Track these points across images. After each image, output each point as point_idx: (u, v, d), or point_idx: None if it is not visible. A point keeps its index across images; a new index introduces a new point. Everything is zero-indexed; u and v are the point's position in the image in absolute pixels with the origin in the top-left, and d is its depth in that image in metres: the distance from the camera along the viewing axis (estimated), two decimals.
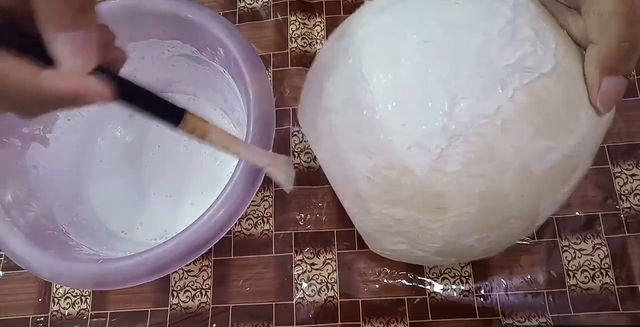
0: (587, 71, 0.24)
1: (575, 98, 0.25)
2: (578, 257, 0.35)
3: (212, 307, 0.37)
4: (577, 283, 0.34)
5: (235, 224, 0.37)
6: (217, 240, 0.29)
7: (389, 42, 0.27)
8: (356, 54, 0.27)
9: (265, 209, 0.39)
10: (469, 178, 0.24)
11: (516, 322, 0.34)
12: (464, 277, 0.35)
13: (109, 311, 0.37)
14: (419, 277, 0.35)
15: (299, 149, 0.40)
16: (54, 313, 0.38)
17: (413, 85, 0.25)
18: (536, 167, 0.24)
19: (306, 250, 0.37)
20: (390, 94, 0.25)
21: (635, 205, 0.35)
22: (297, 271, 0.37)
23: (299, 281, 0.36)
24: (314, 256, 0.37)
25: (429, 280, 0.35)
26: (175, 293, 0.37)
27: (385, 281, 0.36)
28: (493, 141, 0.24)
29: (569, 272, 0.35)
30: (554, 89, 0.24)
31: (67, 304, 0.38)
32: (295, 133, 0.40)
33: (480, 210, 0.25)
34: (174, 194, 0.40)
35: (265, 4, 0.45)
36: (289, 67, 0.42)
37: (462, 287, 0.35)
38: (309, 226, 0.38)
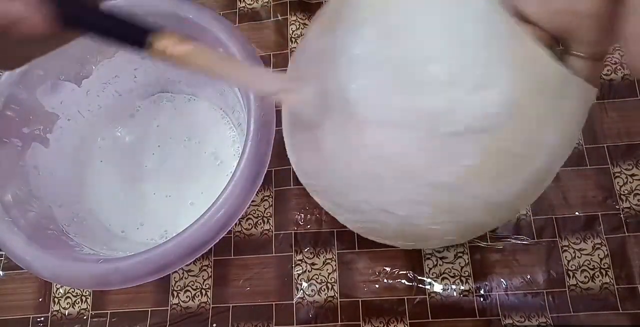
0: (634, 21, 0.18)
1: (537, 129, 0.24)
2: (578, 257, 0.35)
3: (212, 307, 0.37)
4: (577, 283, 0.34)
5: (236, 224, 0.37)
6: (217, 240, 0.29)
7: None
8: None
9: (265, 209, 0.39)
10: (439, 224, 0.26)
11: (516, 322, 0.34)
12: (464, 277, 0.35)
13: (109, 311, 0.37)
14: (419, 277, 0.36)
15: None
16: (54, 313, 0.38)
17: (370, 168, 0.26)
18: (501, 197, 0.25)
19: (306, 250, 0.37)
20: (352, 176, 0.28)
21: (635, 205, 0.36)
22: (297, 271, 0.37)
23: (299, 281, 0.36)
24: (314, 256, 0.37)
25: (429, 280, 0.35)
26: (175, 293, 0.37)
27: (385, 280, 0.36)
28: (450, 201, 0.25)
29: (569, 272, 0.35)
30: (508, 136, 0.23)
31: (67, 304, 0.38)
32: None
33: (460, 233, 0.28)
34: (174, 194, 0.40)
35: (265, 4, 0.45)
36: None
37: (462, 287, 0.35)
38: (309, 226, 0.38)
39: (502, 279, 0.35)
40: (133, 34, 0.21)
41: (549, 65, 0.22)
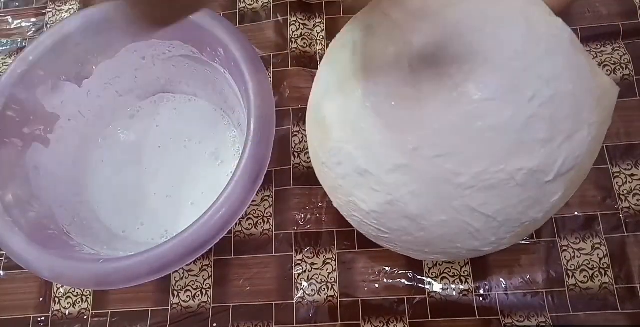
0: None
1: (600, 140, 0.26)
2: (577, 257, 0.35)
3: (213, 306, 0.37)
4: (576, 283, 0.34)
5: (236, 223, 0.37)
6: (218, 240, 0.29)
7: None
8: None
9: (266, 209, 0.39)
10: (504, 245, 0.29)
11: (515, 322, 0.34)
12: (463, 276, 0.35)
13: (109, 311, 0.37)
14: (419, 277, 0.36)
15: (299, 149, 0.40)
16: (55, 313, 0.38)
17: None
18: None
19: (306, 250, 0.37)
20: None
21: (634, 205, 0.36)
22: (297, 270, 0.37)
23: (299, 281, 0.36)
24: (314, 256, 0.37)
25: (429, 279, 0.35)
26: (175, 293, 0.37)
27: (385, 280, 0.36)
28: (527, 230, 0.28)
29: (568, 271, 0.35)
30: (587, 160, 0.25)
31: (67, 303, 0.38)
32: (296, 133, 0.40)
33: None
34: (175, 194, 0.40)
35: (265, 4, 0.45)
36: (289, 68, 0.42)
37: (462, 287, 0.35)
38: (309, 226, 0.38)
39: (501, 279, 0.35)
40: None
41: (612, 88, 0.25)
